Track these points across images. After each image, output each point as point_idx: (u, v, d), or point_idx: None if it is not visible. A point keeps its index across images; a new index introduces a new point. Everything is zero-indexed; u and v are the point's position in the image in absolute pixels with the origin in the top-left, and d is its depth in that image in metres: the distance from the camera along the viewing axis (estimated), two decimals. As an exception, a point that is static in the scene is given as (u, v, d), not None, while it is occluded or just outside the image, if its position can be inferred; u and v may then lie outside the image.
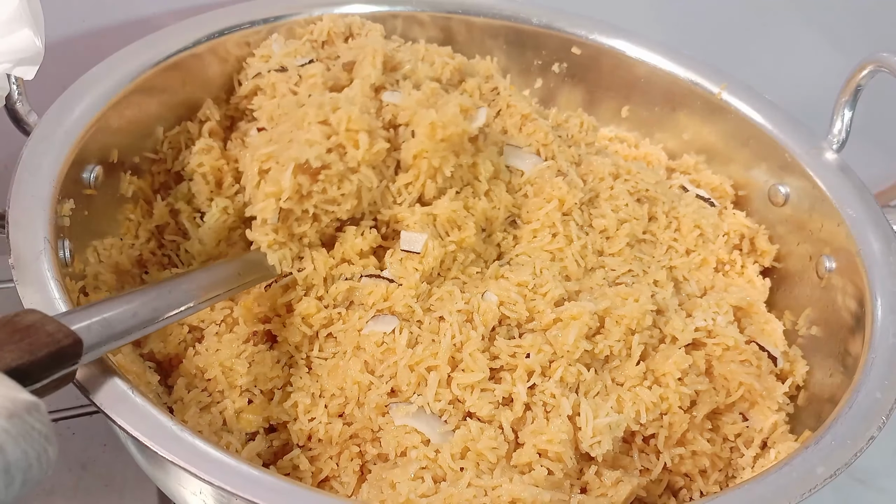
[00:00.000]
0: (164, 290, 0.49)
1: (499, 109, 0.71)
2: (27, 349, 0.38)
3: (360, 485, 0.53)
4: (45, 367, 0.39)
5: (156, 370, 0.56)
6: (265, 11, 0.71)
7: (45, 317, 0.40)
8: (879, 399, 0.52)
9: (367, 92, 0.62)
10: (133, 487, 0.64)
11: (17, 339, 0.38)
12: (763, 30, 0.98)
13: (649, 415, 0.55)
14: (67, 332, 0.40)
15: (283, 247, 0.57)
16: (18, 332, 0.39)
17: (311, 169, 0.54)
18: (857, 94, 0.67)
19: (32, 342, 0.38)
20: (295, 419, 0.54)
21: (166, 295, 0.48)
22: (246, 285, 0.56)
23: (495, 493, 0.49)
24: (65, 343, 0.40)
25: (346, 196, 0.56)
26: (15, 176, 0.53)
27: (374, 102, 0.62)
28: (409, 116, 0.60)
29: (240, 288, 0.55)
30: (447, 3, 0.77)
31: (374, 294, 0.56)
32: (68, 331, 0.40)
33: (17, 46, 0.50)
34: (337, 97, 0.58)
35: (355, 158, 0.55)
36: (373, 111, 0.60)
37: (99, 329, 0.42)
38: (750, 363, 0.61)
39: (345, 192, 0.56)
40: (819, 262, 0.66)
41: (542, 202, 0.64)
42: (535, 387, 0.54)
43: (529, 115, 0.70)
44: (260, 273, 0.56)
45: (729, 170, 0.77)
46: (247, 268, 0.56)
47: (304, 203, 0.55)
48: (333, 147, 0.55)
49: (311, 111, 0.56)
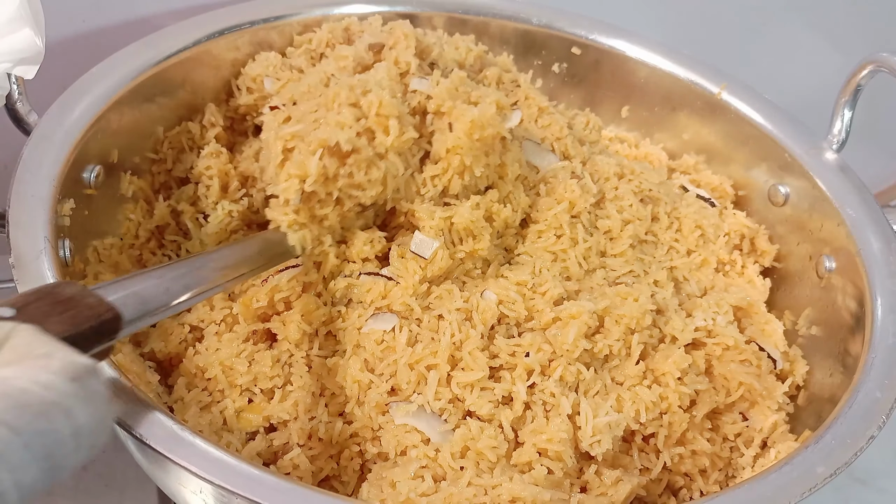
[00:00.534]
0: (193, 265, 0.48)
1: (516, 100, 0.71)
2: (70, 321, 0.37)
3: (360, 484, 0.53)
4: (89, 340, 0.38)
5: (156, 370, 0.56)
6: (265, 11, 0.72)
7: (85, 289, 0.40)
8: (879, 399, 0.52)
9: (394, 75, 0.60)
10: (133, 487, 0.64)
11: (60, 311, 0.37)
12: (763, 30, 0.98)
13: (649, 414, 0.55)
14: (108, 305, 0.39)
15: (303, 228, 0.55)
16: (60, 303, 0.38)
17: (341, 152, 0.53)
18: (857, 94, 0.67)
19: (75, 315, 0.38)
20: (295, 418, 0.54)
21: (195, 271, 0.47)
22: (268, 264, 0.55)
23: (495, 492, 0.49)
24: (106, 317, 0.39)
25: (372, 182, 0.55)
26: (15, 176, 0.53)
27: (399, 86, 0.60)
28: (437, 105, 0.59)
29: (263, 267, 0.54)
30: (447, 3, 0.77)
31: (373, 292, 0.56)
32: (108, 304, 0.40)
33: (17, 46, 0.50)
34: (366, 79, 0.56)
35: (384, 144, 0.54)
36: (399, 95, 0.58)
37: (134, 303, 0.41)
38: (750, 363, 0.61)
39: (371, 177, 0.54)
40: (819, 262, 0.66)
41: (552, 202, 0.64)
42: (534, 386, 0.54)
43: (546, 108, 0.70)
44: (280, 252, 0.55)
45: (729, 170, 0.77)
46: (267, 247, 0.55)
47: (329, 186, 0.54)
48: (363, 131, 0.54)
49: (342, 92, 0.54)
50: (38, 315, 0.36)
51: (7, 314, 0.36)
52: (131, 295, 0.42)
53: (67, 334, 0.36)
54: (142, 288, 0.43)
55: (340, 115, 0.53)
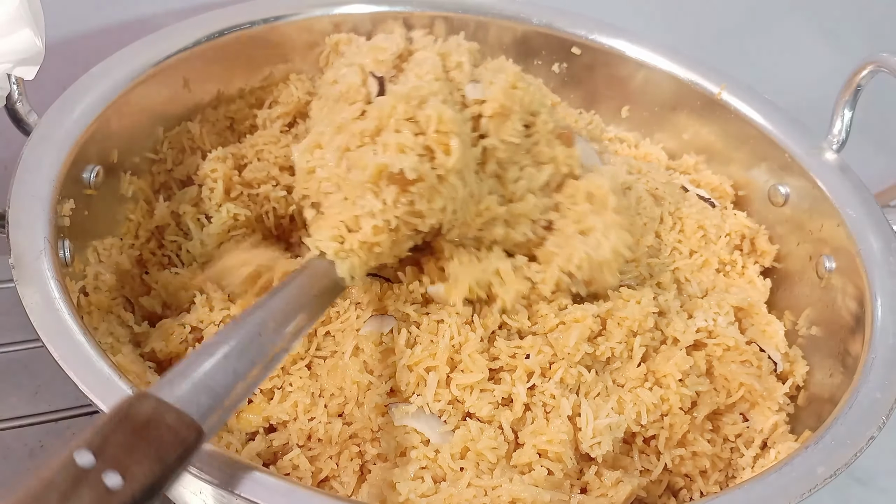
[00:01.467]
0: (250, 333, 0.42)
1: None
2: (156, 456, 0.34)
3: (360, 485, 0.53)
4: (174, 470, 0.35)
5: (156, 370, 0.56)
6: (265, 11, 0.71)
7: (160, 403, 0.36)
8: (879, 399, 0.52)
9: (441, 74, 0.54)
10: (133, 488, 0.64)
11: (143, 443, 0.34)
12: (763, 30, 0.98)
13: (650, 416, 0.55)
14: (188, 421, 0.36)
15: (351, 255, 0.49)
16: (139, 431, 0.35)
17: (404, 180, 0.46)
18: (857, 94, 0.67)
19: (159, 445, 0.35)
20: (294, 419, 0.54)
21: (256, 340, 0.42)
22: (326, 304, 0.49)
23: (495, 493, 0.49)
24: (190, 440, 0.36)
25: (433, 210, 0.49)
26: (15, 176, 0.53)
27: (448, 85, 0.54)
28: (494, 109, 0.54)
29: (322, 309, 0.49)
30: (447, 3, 0.77)
31: (370, 292, 0.56)
32: (189, 420, 0.36)
33: (17, 46, 0.50)
34: (420, 88, 0.50)
35: (444, 166, 0.48)
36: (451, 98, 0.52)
37: (208, 402, 0.38)
38: (750, 364, 0.61)
39: (435, 206, 0.48)
40: (819, 262, 0.66)
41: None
42: (534, 388, 0.54)
43: (559, 102, 0.69)
44: (330, 286, 0.49)
45: (729, 170, 0.77)
46: (317, 283, 0.48)
47: (386, 214, 0.48)
48: (423, 151, 0.48)
49: (399, 105, 0.48)
50: (121, 454, 0.33)
51: (87, 462, 0.33)
52: (201, 389, 0.38)
53: (156, 476, 0.34)
54: (207, 377, 0.39)
55: (401, 136, 0.47)
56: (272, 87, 0.73)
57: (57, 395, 0.67)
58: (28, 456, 0.65)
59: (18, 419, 0.66)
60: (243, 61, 0.71)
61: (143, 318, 0.60)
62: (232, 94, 0.72)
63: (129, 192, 0.64)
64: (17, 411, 0.66)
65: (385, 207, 0.47)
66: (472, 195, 0.52)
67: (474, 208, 0.52)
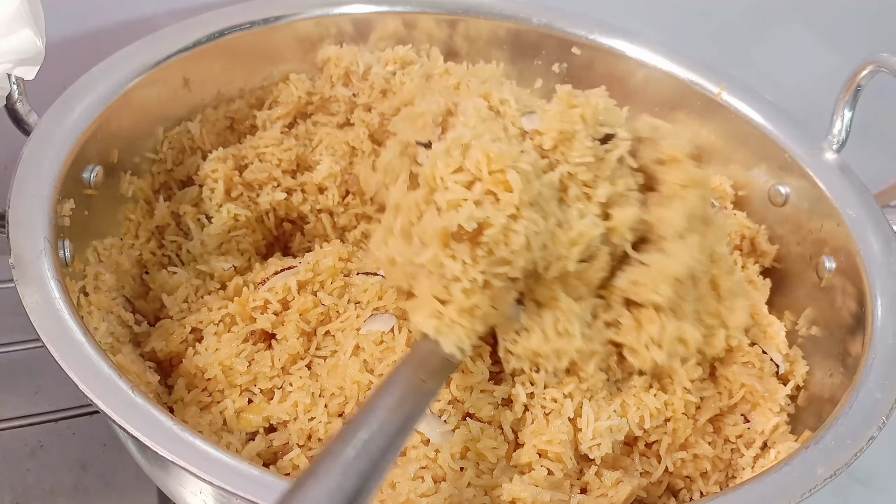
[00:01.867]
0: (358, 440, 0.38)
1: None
2: None
3: (360, 485, 0.53)
4: None
5: (156, 370, 0.56)
6: (265, 11, 0.71)
7: None
8: (879, 399, 0.52)
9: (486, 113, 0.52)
10: (133, 487, 0.64)
11: None
12: (763, 30, 0.98)
13: (653, 421, 0.55)
14: None
15: (453, 326, 0.47)
16: None
17: (468, 234, 0.45)
18: (857, 94, 0.67)
19: None
20: (295, 418, 0.54)
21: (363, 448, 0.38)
22: (436, 389, 0.46)
23: (495, 493, 0.49)
24: None
25: (516, 252, 0.46)
26: (15, 176, 0.53)
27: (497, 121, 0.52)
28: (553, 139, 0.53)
29: (432, 395, 0.46)
30: (447, 3, 0.77)
31: (369, 292, 0.56)
32: None
33: (17, 46, 0.50)
34: (461, 136, 0.48)
35: (510, 203, 0.46)
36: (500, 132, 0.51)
37: None
38: (752, 365, 0.61)
39: (514, 246, 0.46)
40: (819, 262, 0.66)
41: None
42: (535, 389, 0.54)
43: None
44: (440, 367, 0.46)
45: (729, 170, 0.77)
46: (423, 368, 0.45)
47: (470, 272, 0.46)
48: (482, 197, 0.46)
49: (440, 160, 0.46)
50: None
51: None
52: None
53: None
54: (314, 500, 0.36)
55: (450, 193, 0.46)
56: (272, 87, 0.74)
57: (57, 395, 0.68)
58: (28, 456, 0.65)
59: (18, 419, 0.66)
60: (243, 61, 0.71)
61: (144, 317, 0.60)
62: (232, 94, 0.72)
63: (129, 192, 0.64)
64: (17, 411, 0.66)
65: (465, 267, 0.46)
66: (560, 224, 0.50)
67: (565, 237, 0.50)
